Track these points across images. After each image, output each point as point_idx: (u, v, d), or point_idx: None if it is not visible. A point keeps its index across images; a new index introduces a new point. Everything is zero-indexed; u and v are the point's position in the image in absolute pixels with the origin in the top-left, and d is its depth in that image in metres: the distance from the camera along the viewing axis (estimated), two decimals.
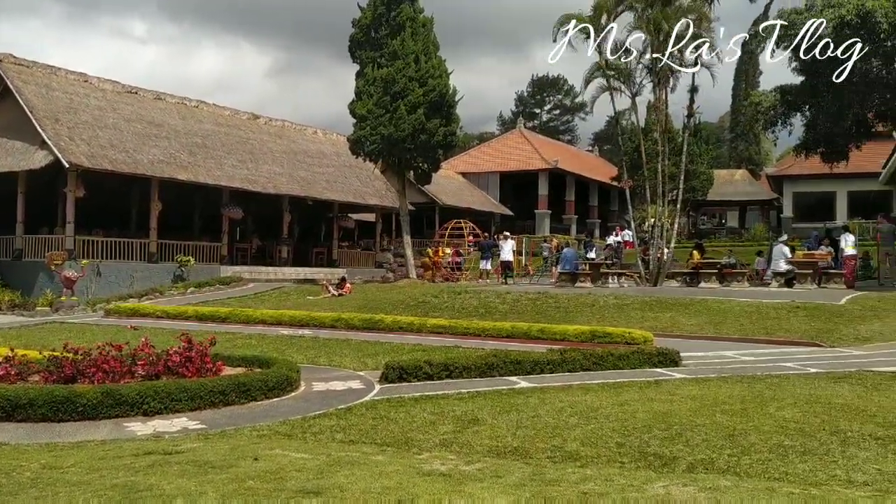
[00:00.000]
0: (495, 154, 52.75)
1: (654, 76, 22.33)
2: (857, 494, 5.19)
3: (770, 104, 24.28)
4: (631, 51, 22.70)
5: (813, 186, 42.74)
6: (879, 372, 10.66)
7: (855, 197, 42.64)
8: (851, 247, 21.56)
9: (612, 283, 22.20)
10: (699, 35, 21.74)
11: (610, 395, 8.96)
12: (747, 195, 48.81)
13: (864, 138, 24.96)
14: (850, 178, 39.86)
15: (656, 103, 23.22)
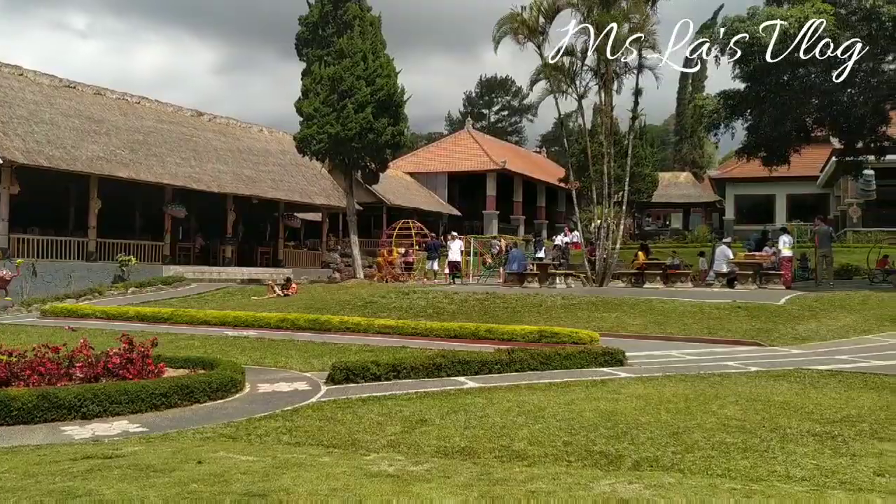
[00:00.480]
0: (443, 154, 52.84)
1: (599, 78, 22.62)
2: (795, 489, 5.31)
3: (713, 108, 24.79)
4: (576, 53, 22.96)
5: (754, 189, 43.85)
6: (816, 370, 10.96)
7: (794, 200, 43.90)
8: (788, 248, 22.16)
9: (560, 284, 22.40)
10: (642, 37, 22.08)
11: (557, 395, 9.02)
12: (691, 197, 49.85)
13: (802, 143, 25.67)
14: (790, 182, 41.01)
15: (601, 105, 23.50)
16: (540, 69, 23.43)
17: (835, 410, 8.06)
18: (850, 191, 36.03)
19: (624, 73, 22.91)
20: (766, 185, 41.38)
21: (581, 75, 23.25)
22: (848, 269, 25.33)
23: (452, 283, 24.82)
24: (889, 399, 8.72)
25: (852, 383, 9.89)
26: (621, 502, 4.86)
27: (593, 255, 23.77)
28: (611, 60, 22.12)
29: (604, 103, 23.10)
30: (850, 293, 18.65)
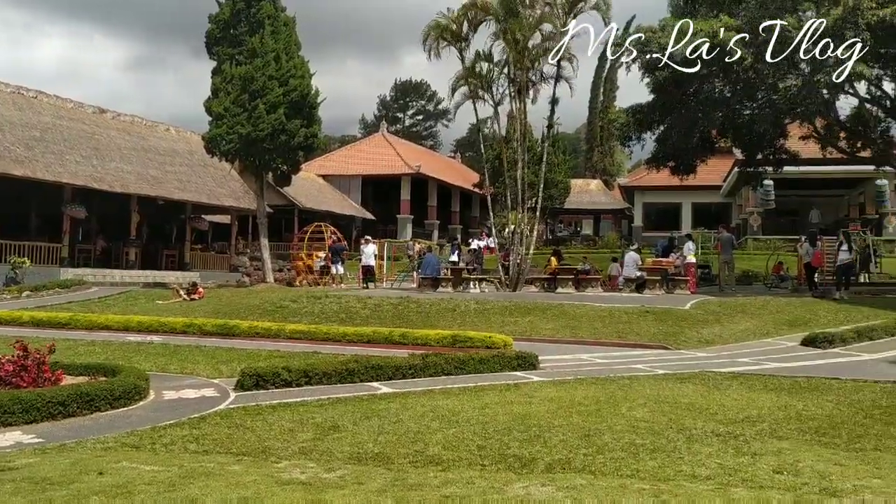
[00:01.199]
0: (358, 157, 52.50)
1: (514, 86, 22.92)
2: (701, 488, 5.47)
3: (624, 122, 25.50)
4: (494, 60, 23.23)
5: (661, 197, 45.32)
6: (720, 372, 11.35)
7: (699, 208, 45.61)
8: (693, 255, 22.94)
9: (474, 289, 22.55)
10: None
11: (471, 399, 9.04)
12: (601, 204, 51.05)
13: (708, 153, 26.67)
14: (695, 191, 42.56)
15: (516, 113, 23.82)
16: (461, 75, 23.57)
17: (737, 411, 8.36)
18: (750, 200, 37.68)
19: (539, 82, 23.32)
20: (673, 193, 42.82)
21: (497, 82, 23.55)
22: (749, 275, 26.43)
23: (366, 288, 24.64)
24: (786, 400, 9.11)
25: (753, 385, 10.29)
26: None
27: (507, 260, 24.02)
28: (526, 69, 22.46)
29: (518, 111, 23.42)
30: (750, 298, 19.43)
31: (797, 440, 7.19)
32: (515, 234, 23.57)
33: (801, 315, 17.44)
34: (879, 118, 25.26)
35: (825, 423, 7.90)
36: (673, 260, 22.84)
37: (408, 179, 48.75)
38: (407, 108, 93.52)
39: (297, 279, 28.56)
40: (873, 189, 35.45)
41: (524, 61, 22.21)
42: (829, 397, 9.33)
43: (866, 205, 38.30)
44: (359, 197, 49.62)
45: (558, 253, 26.51)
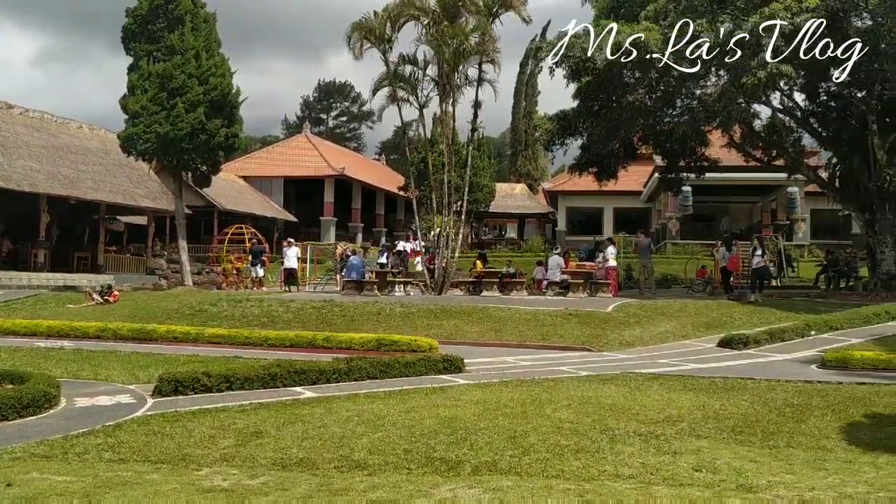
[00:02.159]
0: (280, 158, 51.71)
1: (440, 89, 22.97)
2: (623, 487, 5.57)
3: (548, 128, 25.84)
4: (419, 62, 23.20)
5: (584, 202, 46.17)
6: (641, 373, 11.60)
7: (620, 213, 46.66)
8: (614, 259, 23.42)
9: (399, 292, 22.46)
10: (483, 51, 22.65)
11: (397, 403, 8.99)
12: (526, 208, 51.66)
13: (630, 159, 27.30)
14: (617, 196, 43.53)
15: (442, 116, 23.87)
16: (383, 77, 23.47)
17: (658, 411, 8.55)
18: (669, 206, 38.75)
19: (464, 85, 23.39)
20: (596, 198, 43.67)
21: (423, 85, 23.54)
22: (668, 279, 27.14)
23: (288, 291, 24.26)
24: (704, 399, 9.36)
25: (673, 385, 10.55)
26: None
27: (432, 263, 24.02)
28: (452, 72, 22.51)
29: (444, 113, 23.46)
30: (669, 301, 19.92)
31: (715, 439, 7.40)
32: (441, 238, 23.59)
33: (718, 317, 17.96)
34: (791, 128, 26.36)
35: (741, 421, 8.15)
36: (595, 264, 23.27)
37: (331, 181, 48.30)
38: (331, 110, 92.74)
39: (224, 282, 27.93)
40: (785, 196, 36.93)
41: (451, 64, 22.27)
42: (744, 397, 9.64)
43: (778, 211, 39.87)
44: (281, 198, 48.88)
45: (483, 256, 26.68)
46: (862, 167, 22.95)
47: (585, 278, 22.22)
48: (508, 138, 66.03)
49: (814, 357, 13.44)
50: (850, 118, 23.95)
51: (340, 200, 49.43)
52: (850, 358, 12.68)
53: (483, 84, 23.16)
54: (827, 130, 25.06)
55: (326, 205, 48.48)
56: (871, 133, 22.19)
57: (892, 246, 22.88)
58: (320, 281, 28.41)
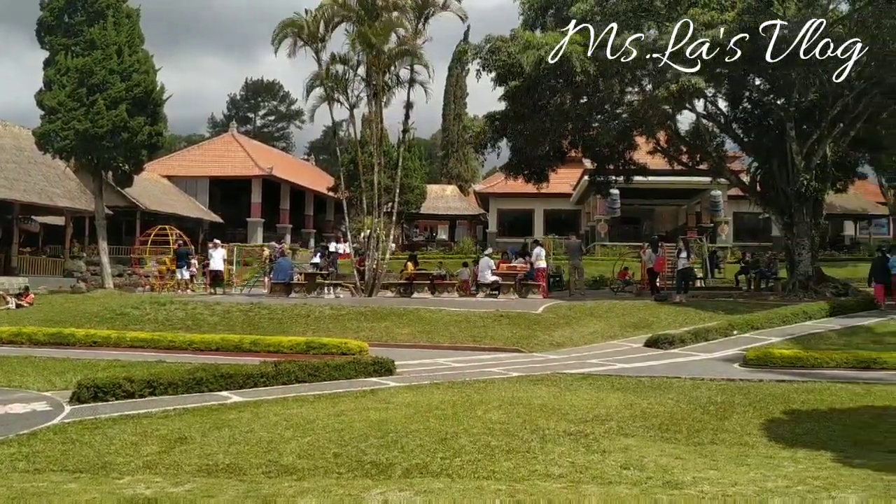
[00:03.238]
0: (206, 158, 50.51)
1: (371, 89, 22.81)
2: (554, 486, 5.60)
3: (480, 129, 25.92)
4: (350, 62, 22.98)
5: (515, 204, 46.53)
6: (571, 373, 11.74)
7: (551, 215, 47.20)
8: (543, 260, 23.65)
9: (328, 294, 22.19)
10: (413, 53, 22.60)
11: (326, 407, 8.88)
12: (457, 210, 51.79)
13: (559, 162, 27.63)
14: (547, 198, 44.02)
15: (371, 117, 23.69)
16: (316, 76, 23.16)
17: (587, 411, 8.65)
18: (598, 208, 39.39)
19: (395, 87, 23.28)
20: (527, 200, 44.10)
21: (353, 85, 23.33)
22: (597, 280, 27.56)
23: (213, 294, 23.71)
24: (632, 398, 9.52)
25: (601, 385, 10.70)
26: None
27: (363, 265, 23.82)
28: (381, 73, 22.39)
29: (374, 114, 23.30)
30: (598, 302, 20.20)
31: (642, 437, 7.52)
32: (371, 239, 23.42)
33: (645, 318, 18.32)
34: (715, 133, 27.12)
35: (667, 419, 8.31)
36: (525, 265, 23.46)
37: (259, 181, 47.45)
38: (259, 109, 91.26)
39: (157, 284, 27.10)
40: (709, 199, 37.99)
41: (380, 65, 22.14)
42: (670, 395, 9.84)
43: (703, 214, 40.98)
44: (206, 199, 47.74)
45: (414, 258, 26.60)
46: (781, 172, 23.76)
47: (515, 280, 22.38)
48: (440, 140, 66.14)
49: (736, 356, 13.84)
50: (770, 124, 24.78)
51: (268, 201, 48.59)
52: (771, 356, 13.11)
53: (414, 85, 23.13)
54: (748, 136, 25.86)
55: (254, 205, 47.61)
56: (790, 139, 23.00)
57: (809, 248, 23.77)
58: (247, 283, 27.88)
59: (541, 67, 20.72)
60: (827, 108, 22.52)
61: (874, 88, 21.80)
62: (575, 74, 20.56)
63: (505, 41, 21.99)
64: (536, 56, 20.69)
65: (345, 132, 29.37)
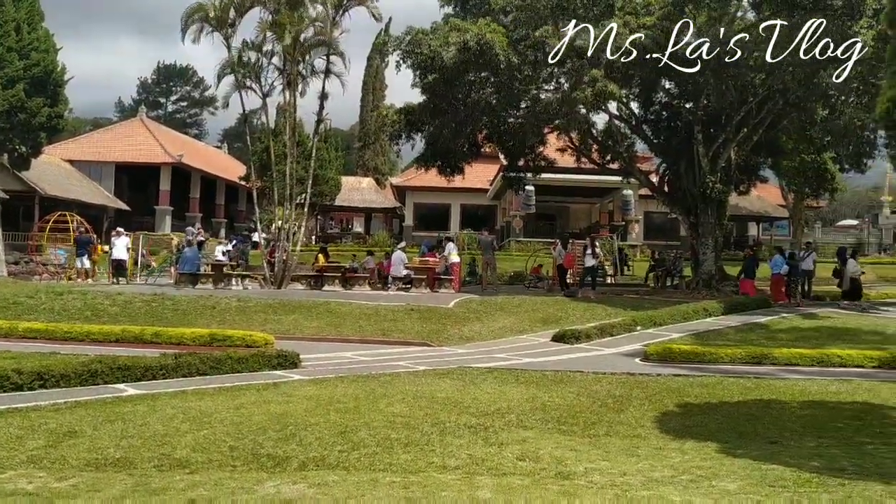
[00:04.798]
0: (112, 143, 48.74)
1: (284, 78, 22.46)
2: (449, 478, 5.65)
3: (394, 120, 25.86)
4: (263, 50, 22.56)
5: (432, 198, 46.63)
6: (477, 367, 11.84)
7: (467, 210, 47.52)
8: (456, 255, 23.81)
9: (236, 286, 21.74)
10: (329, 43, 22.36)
11: (226, 399, 8.72)
12: (373, 202, 51.49)
13: (475, 156, 27.83)
14: (464, 193, 44.30)
15: (285, 106, 23.32)
16: (226, 63, 22.62)
17: (489, 404, 8.75)
18: (514, 204, 39.87)
19: (310, 76, 22.99)
20: (443, 194, 44.26)
21: (267, 73, 22.89)
22: (511, 276, 27.89)
23: (116, 283, 22.91)
24: (534, 392, 9.69)
25: (506, 379, 10.83)
26: (284, 503, 4.82)
27: (273, 256, 23.44)
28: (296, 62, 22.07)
29: (288, 104, 22.94)
30: (510, 297, 20.44)
31: (541, 429, 7.66)
32: (282, 230, 23.07)
33: (554, 313, 18.63)
34: (626, 134, 27.85)
35: (566, 412, 8.49)
36: (438, 259, 23.57)
37: (168, 169, 46.11)
38: (170, 94, 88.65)
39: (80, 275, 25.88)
40: (620, 198, 38.98)
41: (295, 54, 21.81)
42: (571, 389, 10.05)
43: (615, 212, 42.02)
44: (112, 185, 46.08)
45: (324, 250, 26.35)
46: (688, 173, 24.60)
47: (428, 274, 22.46)
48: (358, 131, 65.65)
49: (638, 351, 14.21)
50: (678, 127, 25.63)
51: (178, 189, 47.26)
52: (670, 351, 13.53)
53: (330, 76, 22.88)
54: (658, 138, 26.67)
55: (162, 193, 46.23)
56: (697, 142, 23.84)
57: (713, 247, 24.71)
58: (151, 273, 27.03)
59: (464, 55, 20.78)
60: (732, 113, 23.43)
61: (776, 96, 22.81)
62: (498, 63, 20.72)
63: (426, 34, 22.00)
64: (461, 40, 20.71)
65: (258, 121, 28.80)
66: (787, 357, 13.34)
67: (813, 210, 49.21)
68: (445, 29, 21.65)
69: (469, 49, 20.56)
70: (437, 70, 21.95)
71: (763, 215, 46.17)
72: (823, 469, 6.03)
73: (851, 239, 47.69)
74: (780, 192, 43.42)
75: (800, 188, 38.22)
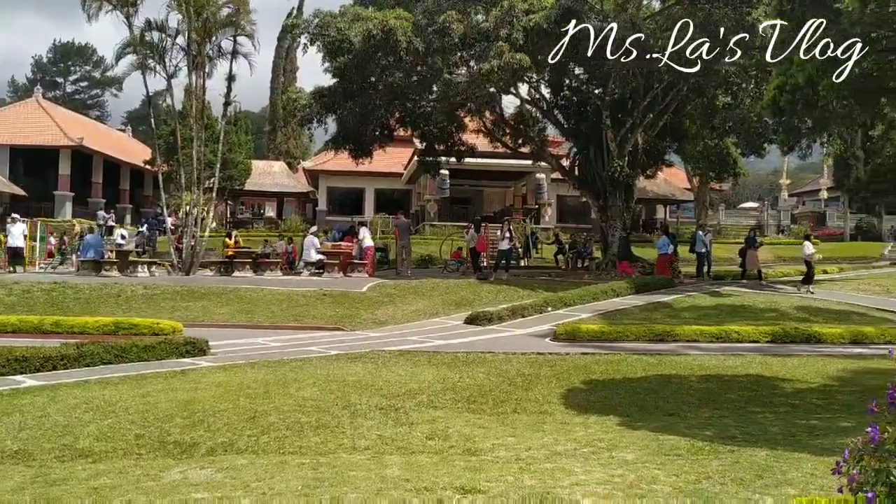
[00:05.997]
0: (6, 125, 46.22)
1: (190, 59, 21.83)
2: (358, 458, 5.71)
3: (306, 103, 25.49)
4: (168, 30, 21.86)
5: (346, 182, 46.15)
6: (390, 350, 11.90)
7: (381, 194, 47.27)
8: (370, 239, 23.75)
9: (142, 273, 21.07)
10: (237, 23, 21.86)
11: (132, 388, 8.55)
12: (285, 187, 50.62)
13: (388, 140, 27.71)
14: (379, 177, 44.02)
15: (192, 87, 22.68)
16: (127, 42, 21.81)
17: (400, 386, 8.83)
18: (428, 188, 39.93)
19: (217, 57, 22.42)
20: (357, 178, 43.86)
21: (172, 54, 22.19)
22: (425, 259, 27.98)
23: (13, 272, 21.88)
24: (445, 373, 9.82)
25: (418, 361, 10.94)
26: (191, 488, 4.78)
27: (181, 242, 22.84)
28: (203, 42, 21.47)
29: (195, 85, 22.32)
30: (423, 281, 20.52)
31: (451, 409, 7.80)
32: (190, 216, 22.49)
33: (467, 296, 18.84)
34: (537, 118, 28.24)
35: (476, 392, 8.66)
36: (351, 244, 23.46)
37: (68, 152, 44.08)
38: (68, 74, 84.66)
39: None
40: (533, 182, 39.54)
41: (202, 34, 21.22)
42: (482, 369, 10.23)
43: (528, 196, 42.57)
44: (6, 170, 43.83)
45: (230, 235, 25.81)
46: (597, 157, 25.18)
47: (341, 258, 22.33)
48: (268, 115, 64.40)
49: (548, 331, 14.57)
50: (588, 112, 26.17)
51: (79, 174, 45.29)
52: (578, 331, 13.94)
53: (238, 57, 22.39)
54: (569, 122, 27.17)
55: (62, 178, 44.20)
56: (605, 126, 24.41)
57: (622, 230, 25.42)
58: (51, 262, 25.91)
59: (369, 43, 20.71)
60: (639, 99, 24.09)
61: (680, 83, 23.56)
62: (401, 51, 20.70)
63: (335, 16, 21.78)
64: (365, 28, 20.62)
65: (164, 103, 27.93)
66: (688, 334, 13.95)
67: (717, 193, 51.12)
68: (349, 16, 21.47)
69: (374, 37, 20.48)
70: (346, 53, 21.78)
71: (670, 198, 47.64)
72: (716, 438, 6.37)
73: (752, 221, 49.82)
74: (686, 176, 44.89)
75: (704, 172, 39.63)
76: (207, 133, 23.45)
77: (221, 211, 41.18)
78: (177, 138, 23.37)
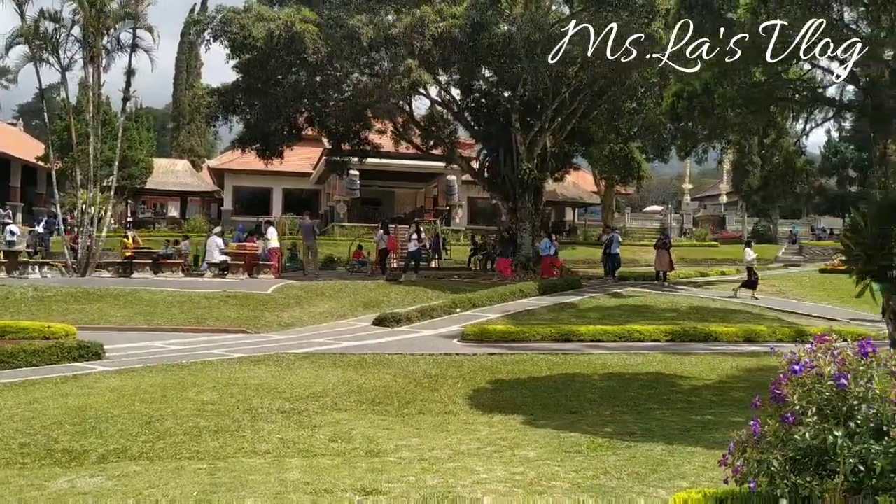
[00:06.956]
0: None
1: (86, 52, 20.91)
2: (258, 462, 5.58)
3: (209, 101, 24.82)
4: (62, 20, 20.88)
5: (252, 182, 45.15)
6: (295, 353, 11.69)
7: (290, 194, 46.48)
8: (276, 240, 23.31)
9: (34, 274, 20.05)
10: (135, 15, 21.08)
11: (18, 395, 8.12)
12: (189, 186, 49.16)
13: (294, 140, 27.27)
14: (286, 176, 43.24)
15: (88, 81, 21.73)
16: (18, 32, 20.72)
17: (304, 388, 8.68)
18: (337, 188, 39.50)
19: (115, 51, 21.55)
20: (264, 178, 42.94)
21: (67, 46, 21.20)
22: (333, 260, 27.69)
23: None
24: (351, 375, 9.72)
25: (323, 363, 10.79)
26: (79, 497, 4.56)
27: (76, 242, 21.84)
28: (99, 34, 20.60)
29: (91, 79, 21.39)
30: (331, 282, 20.29)
31: (355, 411, 7.71)
32: (86, 215, 21.54)
33: (376, 297, 18.72)
34: (448, 120, 28.35)
35: (381, 393, 8.59)
36: (256, 245, 22.98)
37: None
38: None
39: None
40: (444, 183, 39.66)
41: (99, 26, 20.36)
42: (389, 370, 10.18)
43: (439, 197, 42.66)
44: None
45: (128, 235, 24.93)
46: (507, 160, 25.48)
47: (246, 259, 21.84)
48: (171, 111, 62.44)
49: (456, 332, 14.62)
50: (497, 115, 26.43)
51: None
52: (486, 332, 14.05)
53: (138, 51, 21.61)
54: (479, 124, 27.39)
55: None
56: (515, 129, 24.73)
57: (531, 231, 25.79)
58: None
59: (273, 42, 20.36)
60: (547, 102, 24.50)
61: (587, 88, 24.10)
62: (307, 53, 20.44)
63: (238, 13, 21.30)
64: (267, 29, 20.28)
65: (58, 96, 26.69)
66: (592, 333, 14.28)
67: (623, 196, 52.53)
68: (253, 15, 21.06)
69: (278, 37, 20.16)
70: (250, 50, 21.35)
71: (578, 201, 48.64)
72: (615, 434, 6.52)
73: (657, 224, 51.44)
74: (593, 180, 45.93)
75: (610, 175, 40.63)
76: (106, 129, 22.50)
77: (121, 210, 39.66)
78: (72, 134, 22.32)
